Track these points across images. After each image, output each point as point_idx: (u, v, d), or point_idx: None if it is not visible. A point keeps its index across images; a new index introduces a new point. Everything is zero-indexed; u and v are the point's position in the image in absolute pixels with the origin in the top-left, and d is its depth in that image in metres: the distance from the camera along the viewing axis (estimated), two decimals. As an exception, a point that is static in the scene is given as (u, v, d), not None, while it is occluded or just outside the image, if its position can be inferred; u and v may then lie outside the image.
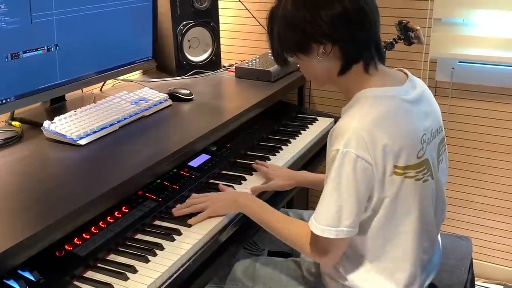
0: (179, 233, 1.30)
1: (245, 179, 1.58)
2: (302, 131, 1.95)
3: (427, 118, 1.22)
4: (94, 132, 1.54)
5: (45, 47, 1.60)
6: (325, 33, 1.13)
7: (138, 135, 1.61)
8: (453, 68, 2.08)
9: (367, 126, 1.10)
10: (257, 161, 1.65)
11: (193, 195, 1.44)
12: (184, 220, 1.34)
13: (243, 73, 2.13)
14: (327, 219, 1.12)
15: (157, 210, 1.37)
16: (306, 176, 1.61)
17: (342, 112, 1.21)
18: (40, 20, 1.56)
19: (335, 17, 1.12)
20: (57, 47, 1.64)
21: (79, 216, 1.18)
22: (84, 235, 1.22)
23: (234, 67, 2.19)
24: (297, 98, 2.26)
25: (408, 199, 1.16)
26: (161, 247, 1.23)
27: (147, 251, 1.22)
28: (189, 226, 1.33)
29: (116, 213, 1.31)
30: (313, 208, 1.17)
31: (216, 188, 1.49)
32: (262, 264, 1.47)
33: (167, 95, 1.84)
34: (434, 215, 1.25)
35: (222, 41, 2.28)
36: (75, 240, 1.20)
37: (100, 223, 1.27)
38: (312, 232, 1.14)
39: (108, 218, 1.29)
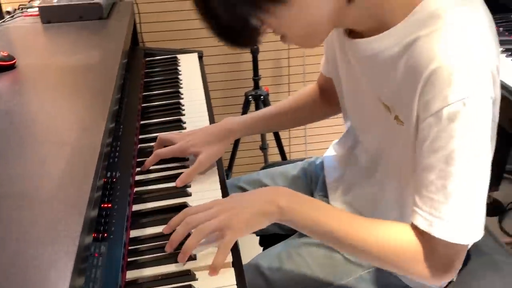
0: None
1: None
2: (178, 76, 1.44)
3: None
4: None
5: None
6: None
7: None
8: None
9: (485, 48, 0.69)
10: (160, 136, 1.06)
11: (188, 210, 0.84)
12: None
13: (55, 15, 1.44)
14: (466, 215, 0.71)
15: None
16: (256, 116, 1.09)
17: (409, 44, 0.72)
18: None
19: None
20: None
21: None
22: None
23: (37, 9, 1.46)
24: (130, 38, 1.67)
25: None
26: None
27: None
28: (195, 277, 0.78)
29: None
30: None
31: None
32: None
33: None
34: None
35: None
36: None
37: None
38: (437, 239, 0.71)
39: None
